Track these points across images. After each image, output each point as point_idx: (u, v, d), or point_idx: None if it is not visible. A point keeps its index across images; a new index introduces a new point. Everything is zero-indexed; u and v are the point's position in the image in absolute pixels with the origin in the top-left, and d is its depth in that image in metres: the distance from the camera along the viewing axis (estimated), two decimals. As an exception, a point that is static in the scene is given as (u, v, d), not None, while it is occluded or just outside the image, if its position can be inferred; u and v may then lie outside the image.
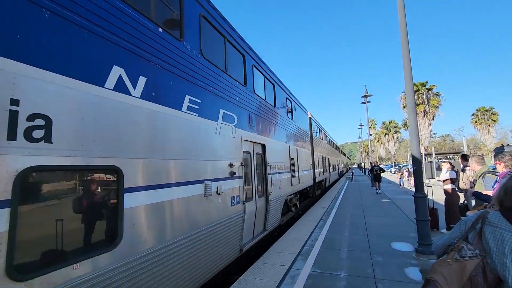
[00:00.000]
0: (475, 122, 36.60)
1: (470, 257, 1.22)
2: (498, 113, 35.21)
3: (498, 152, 19.09)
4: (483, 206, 2.41)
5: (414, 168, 5.35)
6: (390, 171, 41.34)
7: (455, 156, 26.96)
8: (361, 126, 42.42)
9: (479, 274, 1.18)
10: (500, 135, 42.45)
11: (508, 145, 23.50)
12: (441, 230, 6.56)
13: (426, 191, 5.34)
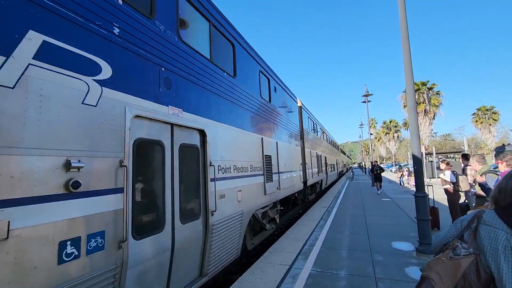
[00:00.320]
0: (476, 121, 36.59)
1: (464, 255, 1.25)
2: (499, 112, 35.23)
3: (499, 151, 19.06)
4: (484, 205, 2.41)
5: (415, 167, 5.35)
6: (391, 171, 41.33)
7: (456, 155, 26.94)
8: (361, 125, 42.40)
9: (473, 272, 1.21)
10: (501, 135, 42.39)
11: (509, 144, 23.47)
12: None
13: (427, 191, 5.34)
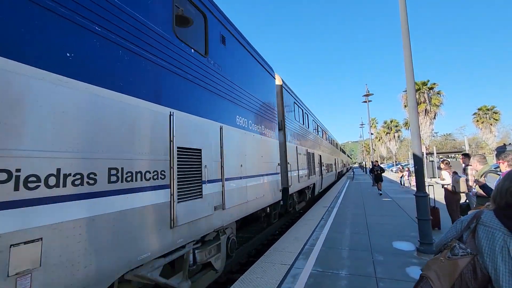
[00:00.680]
0: (477, 121, 36.54)
1: (461, 255, 1.27)
2: (500, 112, 35.19)
3: (500, 151, 18.99)
4: (486, 205, 2.41)
5: (416, 167, 5.35)
6: (391, 170, 41.30)
7: (457, 155, 26.91)
8: (362, 125, 42.40)
9: (470, 272, 1.22)
10: (502, 134, 42.35)
11: (510, 144, 23.39)
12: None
13: (428, 190, 5.34)
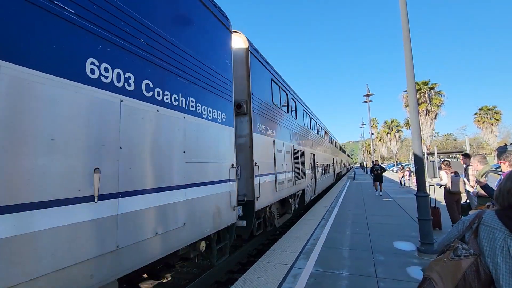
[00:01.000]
0: (478, 121, 36.44)
1: (464, 256, 1.26)
2: (501, 112, 35.07)
3: (501, 151, 18.90)
4: (486, 205, 2.41)
5: (416, 167, 5.35)
6: (392, 170, 41.24)
7: (458, 155, 26.86)
8: (363, 125, 42.35)
9: (473, 273, 1.22)
10: (503, 134, 42.23)
11: (511, 144, 23.34)
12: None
13: (428, 191, 5.34)
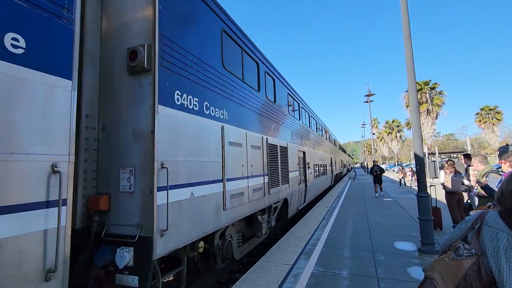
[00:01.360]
0: (479, 121, 36.33)
1: (466, 256, 1.26)
2: (502, 112, 34.93)
3: (503, 151, 18.82)
4: (487, 206, 2.41)
5: (417, 167, 5.35)
6: (393, 170, 41.15)
7: (459, 155, 26.80)
8: (363, 125, 42.30)
9: (474, 273, 1.22)
10: (504, 134, 42.09)
11: (512, 144, 23.25)
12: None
13: (429, 191, 5.33)
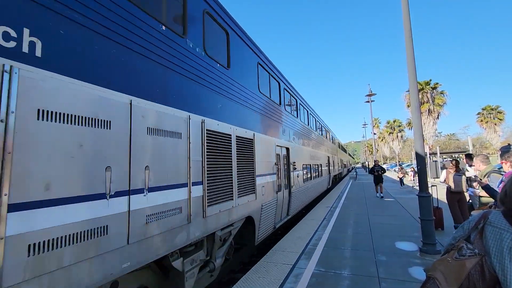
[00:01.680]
0: (481, 121, 36.20)
1: (469, 256, 1.25)
2: (504, 111, 34.82)
3: (504, 151, 18.71)
4: (488, 206, 2.41)
5: (418, 167, 5.34)
6: (395, 170, 41.03)
7: (460, 155, 26.73)
8: (365, 125, 42.24)
9: (477, 273, 1.21)
10: (506, 134, 41.86)
11: (514, 144, 23.14)
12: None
13: (431, 191, 5.32)
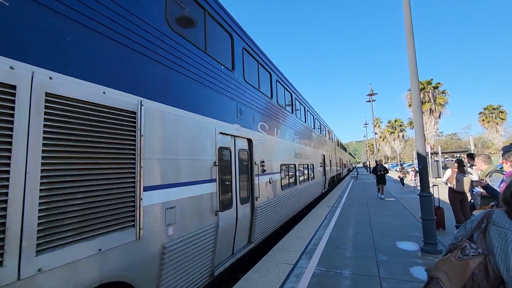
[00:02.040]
0: (483, 120, 36.05)
1: (472, 255, 1.23)
2: (506, 111, 34.63)
3: (506, 151, 18.66)
4: (490, 205, 2.40)
5: (420, 167, 5.32)
6: (396, 170, 40.91)
7: (462, 155, 26.63)
8: (366, 124, 42.15)
9: (481, 273, 1.19)
10: (508, 134, 41.67)
11: (516, 143, 23.03)
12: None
13: (432, 190, 5.31)
